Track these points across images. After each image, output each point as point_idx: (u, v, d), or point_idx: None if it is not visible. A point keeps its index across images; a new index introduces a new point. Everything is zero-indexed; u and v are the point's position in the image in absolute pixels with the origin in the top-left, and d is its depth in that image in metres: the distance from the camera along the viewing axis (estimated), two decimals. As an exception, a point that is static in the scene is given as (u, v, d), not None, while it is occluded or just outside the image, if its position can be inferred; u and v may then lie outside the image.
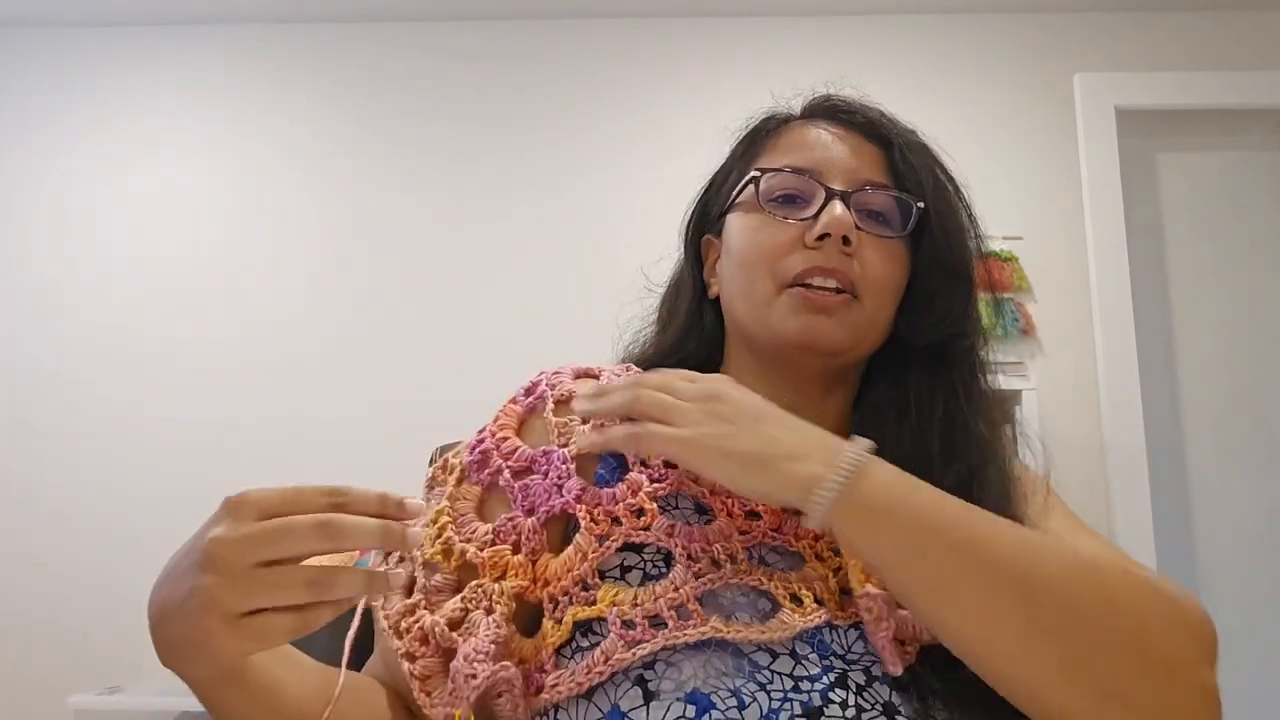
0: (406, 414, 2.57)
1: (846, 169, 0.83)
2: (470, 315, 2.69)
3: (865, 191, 0.82)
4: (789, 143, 0.87)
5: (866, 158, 0.85)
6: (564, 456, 0.78)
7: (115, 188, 2.81)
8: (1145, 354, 2.64)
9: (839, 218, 0.79)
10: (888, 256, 0.82)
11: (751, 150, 0.89)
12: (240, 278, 2.76)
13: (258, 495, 0.60)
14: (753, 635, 0.67)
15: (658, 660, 0.67)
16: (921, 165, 0.84)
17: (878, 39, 2.83)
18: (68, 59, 2.88)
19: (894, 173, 0.84)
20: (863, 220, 0.82)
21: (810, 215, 0.81)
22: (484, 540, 0.75)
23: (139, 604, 2.53)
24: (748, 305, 0.83)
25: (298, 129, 2.84)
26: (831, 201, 0.80)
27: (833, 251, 0.79)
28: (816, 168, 0.83)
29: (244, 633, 0.58)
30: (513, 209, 2.77)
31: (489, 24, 2.88)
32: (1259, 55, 2.78)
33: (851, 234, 0.79)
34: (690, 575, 0.70)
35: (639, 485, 0.75)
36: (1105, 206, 2.68)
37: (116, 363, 2.70)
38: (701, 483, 0.76)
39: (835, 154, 0.84)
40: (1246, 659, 2.65)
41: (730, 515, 0.75)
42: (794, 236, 0.81)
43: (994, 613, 0.62)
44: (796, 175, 0.83)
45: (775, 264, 0.81)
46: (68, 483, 2.64)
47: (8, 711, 2.53)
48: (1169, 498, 2.67)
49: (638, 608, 0.69)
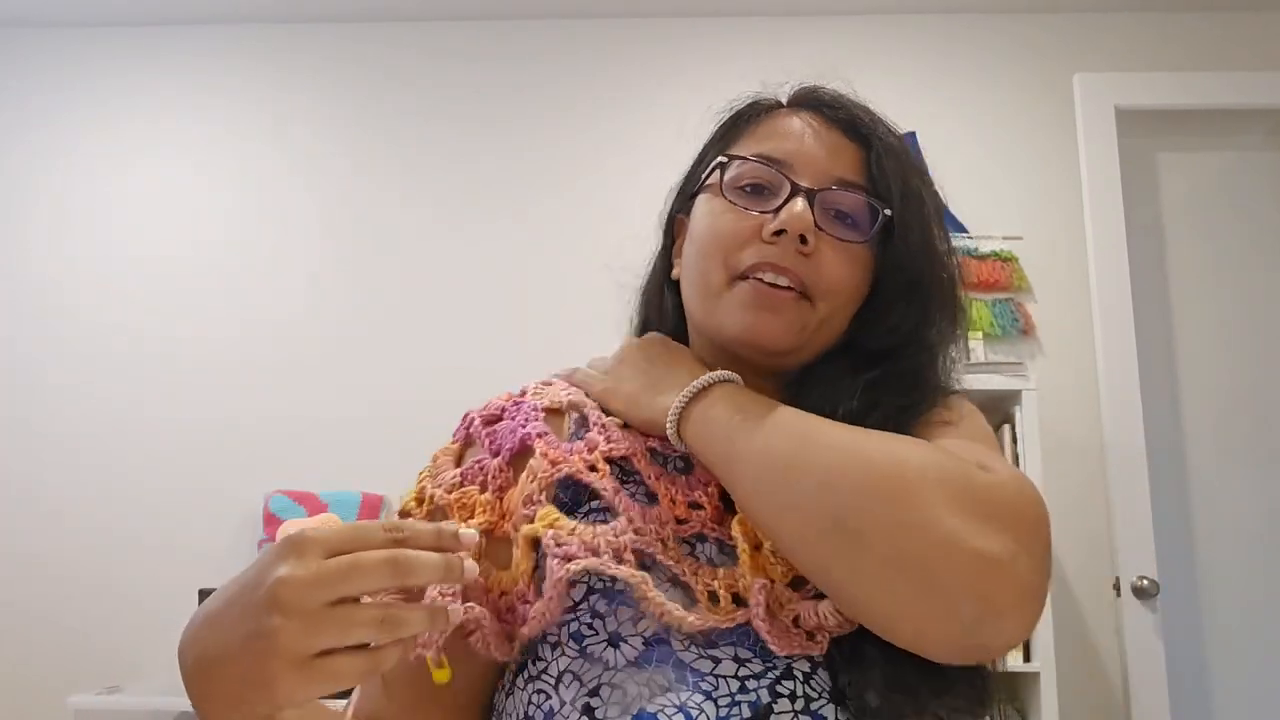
0: (406, 414, 2.57)
1: (818, 165, 0.80)
2: (470, 315, 2.70)
3: (833, 190, 0.79)
4: (767, 130, 0.84)
5: (843, 155, 0.81)
6: (533, 405, 0.81)
7: (115, 188, 2.81)
8: (1145, 354, 2.64)
9: (798, 215, 0.76)
10: (848, 260, 0.79)
11: (731, 134, 0.87)
12: (240, 278, 2.76)
13: (321, 534, 0.57)
14: (676, 614, 0.66)
15: (602, 686, 0.66)
16: (897, 171, 0.80)
17: (878, 39, 2.83)
18: (68, 59, 2.88)
19: (869, 175, 0.80)
20: (826, 220, 0.78)
21: (771, 209, 0.78)
22: (452, 483, 0.77)
23: (139, 604, 2.55)
24: (699, 293, 0.81)
25: (298, 129, 2.84)
26: (794, 198, 0.77)
27: (788, 249, 0.77)
28: (787, 160, 0.80)
29: (313, 675, 0.55)
30: (512, 209, 2.77)
31: (489, 24, 2.88)
32: (1259, 55, 2.78)
33: (809, 233, 0.76)
34: (630, 531, 0.71)
35: (595, 444, 0.77)
36: (1105, 206, 2.68)
37: (116, 363, 2.71)
38: (650, 466, 0.77)
39: (809, 148, 0.81)
40: (1246, 659, 2.65)
41: (673, 502, 0.74)
42: (753, 228, 0.78)
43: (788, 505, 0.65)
44: (764, 165, 0.80)
45: (730, 254, 0.79)
46: (68, 483, 2.64)
47: (8, 711, 2.53)
48: (1169, 498, 2.67)
49: (574, 536, 0.69)
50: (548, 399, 0.82)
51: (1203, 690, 2.64)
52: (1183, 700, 2.53)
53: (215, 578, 2.35)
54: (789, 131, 0.83)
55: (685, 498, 0.75)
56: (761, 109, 0.87)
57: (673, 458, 0.78)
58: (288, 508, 2.50)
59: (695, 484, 0.76)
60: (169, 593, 2.44)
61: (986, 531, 0.61)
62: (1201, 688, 2.64)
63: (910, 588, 0.61)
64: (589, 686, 0.67)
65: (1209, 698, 2.64)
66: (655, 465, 0.77)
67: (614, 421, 0.79)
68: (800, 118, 0.84)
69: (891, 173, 0.80)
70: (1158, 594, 2.47)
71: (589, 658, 0.68)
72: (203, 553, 2.54)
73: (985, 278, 2.65)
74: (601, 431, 0.78)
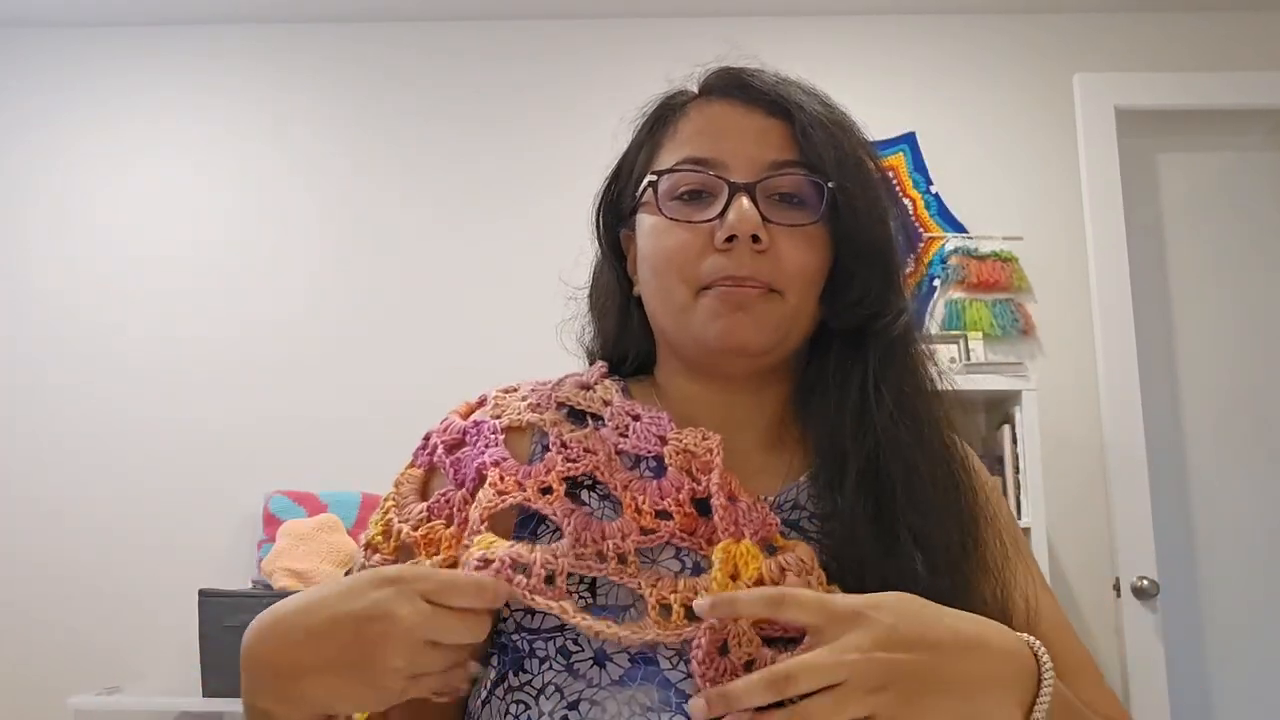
0: (406, 414, 2.56)
1: (748, 154, 0.77)
2: (470, 315, 2.70)
3: (771, 177, 0.76)
4: (688, 129, 0.80)
5: (770, 136, 0.77)
6: (494, 427, 0.79)
7: (115, 188, 2.81)
8: (1145, 354, 2.64)
9: (745, 216, 0.73)
10: (805, 244, 0.76)
11: (653, 138, 0.84)
12: (240, 278, 2.76)
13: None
14: (598, 628, 0.65)
15: (582, 701, 0.66)
16: (828, 138, 0.77)
17: (878, 39, 2.83)
18: (68, 59, 2.88)
19: (800, 149, 0.77)
20: (773, 209, 0.75)
21: (716, 215, 0.75)
22: (419, 519, 0.76)
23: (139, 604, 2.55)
24: (667, 312, 0.79)
25: (298, 129, 2.84)
26: (736, 197, 0.74)
27: (744, 254, 0.74)
28: (717, 157, 0.77)
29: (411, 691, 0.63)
30: (513, 209, 2.77)
31: (489, 24, 2.88)
32: (1259, 55, 2.78)
33: (761, 231, 0.73)
34: (573, 555, 0.69)
35: (553, 464, 0.75)
36: (1105, 206, 2.68)
37: (116, 363, 2.70)
38: (617, 474, 0.74)
39: (735, 138, 0.78)
40: (1246, 659, 2.65)
41: (639, 512, 0.72)
42: (703, 239, 0.75)
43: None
44: (695, 170, 0.77)
45: (686, 270, 0.76)
46: (68, 483, 2.64)
47: (8, 711, 2.53)
48: (1169, 498, 2.67)
49: (508, 552, 0.68)
50: (508, 417, 0.80)
51: (1203, 690, 2.64)
52: (1183, 700, 2.53)
53: (215, 578, 2.35)
54: (710, 125, 0.80)
55: (654, 506, 0.72)
56: (676, 106, 0.84)
57: (646, 459, 0.77)
58: (288, 508, 2.50)
59: (668, 489, 0.73)
60: (169, 593, 2.44)
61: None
62: (1201, 688, 2.64)
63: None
64: (569, 700, 0.66)
65: (1209, 698, 2.65)
66: (624, 471, 0.75)
67: (576, 437, 0.77)
68: (717, 106, 0.81)
69: (823, 142, 0.76)
70: (1158, 594, 2.47)
71: (574, 673, 0.67)
72: (203, 553, 2.54)
73: (985, 278, 2.65)
74: (560, 450, 0.76)
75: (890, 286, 0.78)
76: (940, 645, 0.61)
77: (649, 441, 0.76)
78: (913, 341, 0.80)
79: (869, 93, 2.78)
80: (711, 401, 0.81)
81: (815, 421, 0.78)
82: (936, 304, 2.68)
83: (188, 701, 2.24)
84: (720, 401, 0.80)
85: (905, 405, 0.77)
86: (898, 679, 0.59)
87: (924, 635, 0.61)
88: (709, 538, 0.71)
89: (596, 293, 0.91)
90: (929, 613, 0.63)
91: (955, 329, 2.62)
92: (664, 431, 0.77)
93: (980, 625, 0.65)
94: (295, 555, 2.34)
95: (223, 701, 2.14)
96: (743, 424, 0.80)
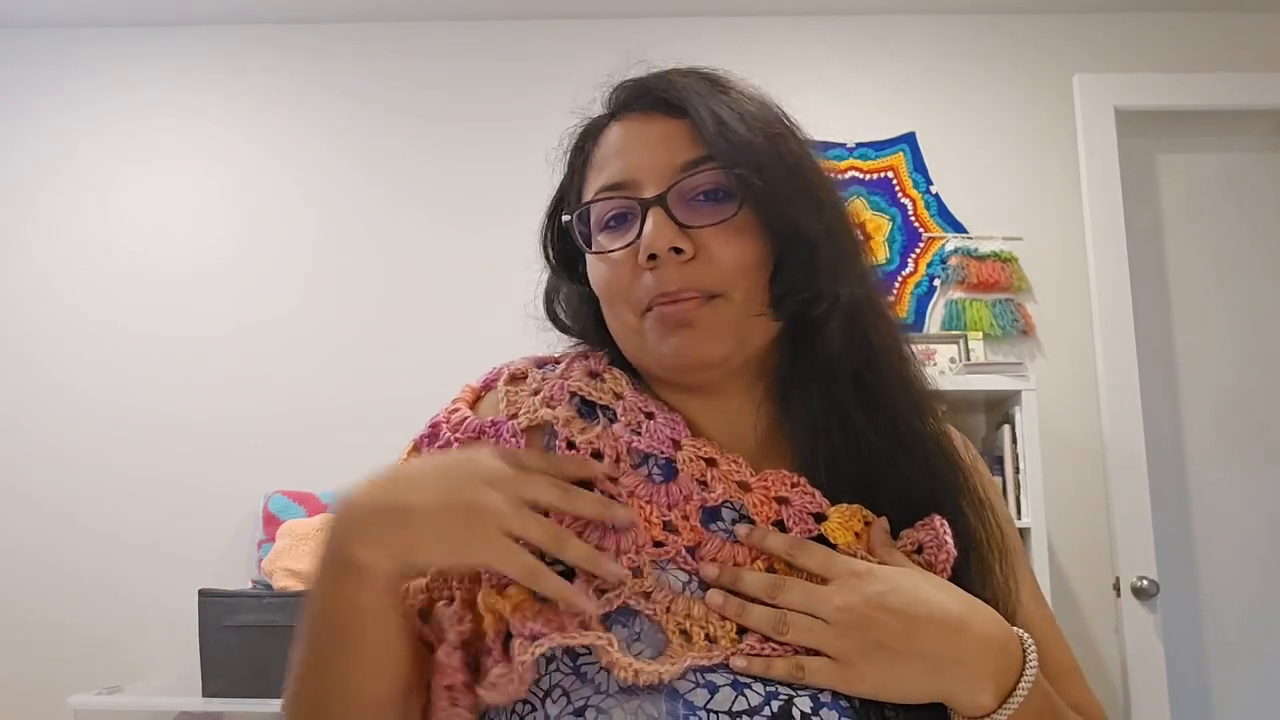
0: (406, 414, 2.56)
1: (655, 164, 0.75)
2: (470, 315, 2.69)
3: (681, 181, 0.74)
4: (602, 156, 0.80)
5: (673, 138, 0.75)
6: (513, 429, 0.76)
7: (115, 188, 2.81)
8: (1145, 354, 2.64)
9: (657, 232, 0.72)
10: (733, 236, 0.73)
11: (579, 171, 0.84)
12: (240, 277, 2.76)
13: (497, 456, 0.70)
14: (636, 666, 0.64)
15: (589, 708, 0.65)
16: (732, 125, 0.73)
17: (878, 39, 2.83)
18: (68, 59, 2.88)
19: (706, 142, 0.74)
20: (694, 212, 0.73)
21: (634, 238, 0.74)
22: None
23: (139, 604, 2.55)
24: (625, 339, 0.78)
25: (298, 129, 2.84)
26: (648, 214, 0.73)
27: (670, 269, 0.72)
28: (627, 177, 0.76)
29: (506, 550, 0.65)
30: (513, 209, 2.77)
31: (489, 24, 2.88)
32: (1258, 56, 2.78)
33: (680, 241, 0.72)
34: (592, 591, 0.68)
35: None
36: (1105, 206, 2.68)
37: (116, 363, 2.70)
38: (625, 478, 0.73)
39: (641, 150, 0.76)
40: (1246, 659, 2.65)
41: (648, 523, 0.71)
42: (631, 264, 0.74)
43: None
44: (609, 199, 0.77)
45: (626, 298, 0.75)
46: (68, 482, 2.64)
47: (8, 711, 2.53)
48: (1169, 498, 2.67)
49: (539, 616, 0.67)
50: (525, 417, 0.77)
51: (1203, 690, 2.65)
52: (1183, 700, 2.53)
53: (215, 578, 2.35)
54: (618, 145, 0.78)
55: (661, 517, 0.71)
56: (590, 135, 0.83)
57: (656, 457, 0.75)
58: (288, 508, 2.50)
59: (676, 497, 0.72)
60: (169, 593, 2.44)
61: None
62: (1201, 688, 2.64)
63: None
64: (575, 705, 0.65)
65: (1209, 698, 2.65)
66: (631, 473, 0.73)
67: (585, 439, 0.75)
68: (621, 125, 0.80)
69: (727, 130, 0.73)
70: (1157, 594, 2.47)
71: (582, 677, 0.66)
72: (203, 553, 2.54)
73: (985, 278, 2.65)
74: (567, 454, 0.74)
75: (819, 268, 0.73)
76: (917, 619, 0.66)
77: (661, 442, 0.75)
78: (872, 329, 0.77)
79: (869, 93, 2.79)
80: (707, 407, 0.79)
81: (792, 422, 0.77)
82: (936, 304, 2.68)
83: (188, 701, 2.24)
84: (707, 414, 0.79)
85: (867, 394, 0.75)
86: (867, 635, 0.65)
87: (907, 607, 0.66)
88: (714, 557, 0.71)
89: (569, 304, 0.90)
90: (924, 589, 0.68)
91: (955, 329, 2.62)
92: (678, 435, 0.75)
93: (970, 609, 0.68)
94: (295, 555, 2.33)
95: (223, 701, 2.14)
96: (737, 432, 0.79)
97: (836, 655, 0.66)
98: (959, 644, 0.66)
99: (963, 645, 0.66)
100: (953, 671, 0.66)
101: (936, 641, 0.66)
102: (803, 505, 0.72)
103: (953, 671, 0.66)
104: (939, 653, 0.66)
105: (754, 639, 0.67)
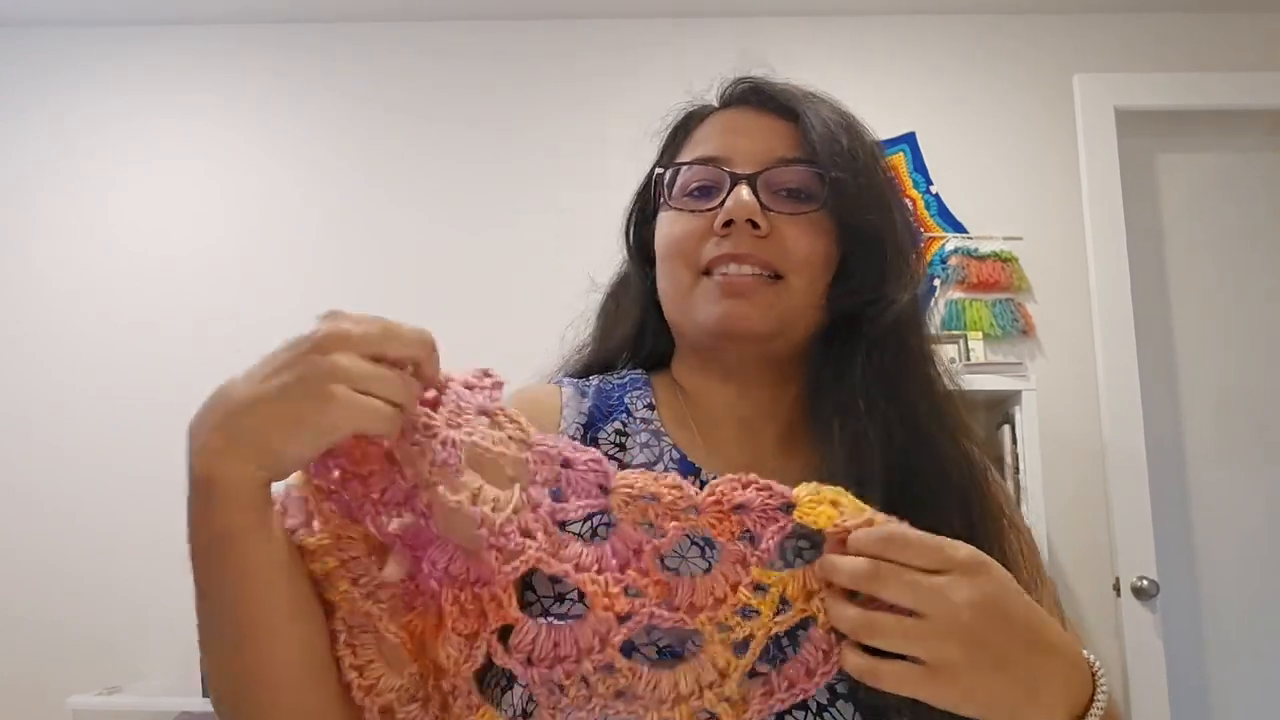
0: (406, 414, 2.57)
1: (755, 151, 0.80)
2: (470, 315, 2.69)
3: (774, 169, 0.79)
4: (701, 135, 0.85)
5: (778, 135, 0.82)
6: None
7: (115, 188, 2.81)
8: (1145, 354, 2.64)
9: (742, 202, 0.77)
10: (808, 229, 0.78)
11: (672, 148, 0.89)
12: (241, 277, 2.76)
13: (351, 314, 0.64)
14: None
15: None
16: (832, 135, 0.80)
17: (878, 39, 2.83)
18: (68, 59, 2.88)
19: (807, 146, 0.80)
20: (776, 200, 0.79)
21: (717, 204, 0.79)
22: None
23: (139, 604, 2.53)
24: (672, 298, 0.82)
25: (297, 129, 2.84)
26: (736, 186, 0.78)
27: (743, 237, 0.77)
28: (723, 154, 0.81)
29: (359, 404, 0.58)
30: (513, 209, 2.77)
31: (489, 24, 2.88)
32: (1258, 56, 2.78)
33: (757, 217, 0.76)
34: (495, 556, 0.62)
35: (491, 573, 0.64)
36: (1105, 207, 2.68)
37: (116, 363, 2.70)
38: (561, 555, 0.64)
39: (744, 136, 0.82)
40: (1246, 659, 2.65)
41: (608, 597, 0.62)
42: (705, 226, 0.79)
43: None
44: (703, 166, 0.81)
45: (690, 255, 0.79)
46: (68, 482, 2.64)
47: (8, 711, 2.53)
48: (1169, 498, 2.67)
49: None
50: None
51: (1202, 690, 2.64)
52: (1182, 700, 2.53)
53: (215, 578, 2.35)
54: (722, 129, 0.84)
55: (618, 583, 0.63)
56: (695, 118, 0.88)
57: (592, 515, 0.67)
58: (288, 508, 2.50)
59: (625, 555, 0.64)
60: (169, 593, 2.43)
61: None
62: (1201, 688, 2.64)
63: None
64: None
65: (1209, 698, 2.65)
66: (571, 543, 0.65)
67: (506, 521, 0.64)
68: (730, 113, 0.86)
69: (827, 138, 0.80)
70: (1157, 594, 2.47)
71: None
72: (203, 553, 2.53)
73: (985, 278, 2.65)
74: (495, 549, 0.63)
75: (885, 276, 0.78)
76: (1019, 635, 0.60)
77: (588, 494, 0.64)
78: (912, 336, 0.80)
79: (869, 93, 2.76)
80: (729, 400, 0.81)
81: (821, 421, 0.77)
82: (937, 304, 2.68)
83: (188, 701, 2.24)
84: (737, 400, 0.81)
85: (901, 401, 0.76)
86: (972, 642, 0.58)
87: (1016, 618, 0.60)
88: (690, 602, 0.63)
89: (614, 298, 0.94)
90: (1022, 599, 0.62)
91: (955, 329, 2.62)
92: (604, 479, 0.64)
93: (1052, 629, 0.63)
94: (295, 555, 2.33)
95: (223, 701, 2.13)
96: (760, 425, 0.80)
97: (933, 660, 0.58)
98: (1052, 666, 0.61)
99: (1054, 667, 0.62)
100: (1039, 695, 0.60)
101: (1038, 660, 0.60)
102: (764, 504, 0.63)
103: (1039, 695, 0.60)
104: (1036, 673, 0.60)
105: (759, 697, 0.62)
